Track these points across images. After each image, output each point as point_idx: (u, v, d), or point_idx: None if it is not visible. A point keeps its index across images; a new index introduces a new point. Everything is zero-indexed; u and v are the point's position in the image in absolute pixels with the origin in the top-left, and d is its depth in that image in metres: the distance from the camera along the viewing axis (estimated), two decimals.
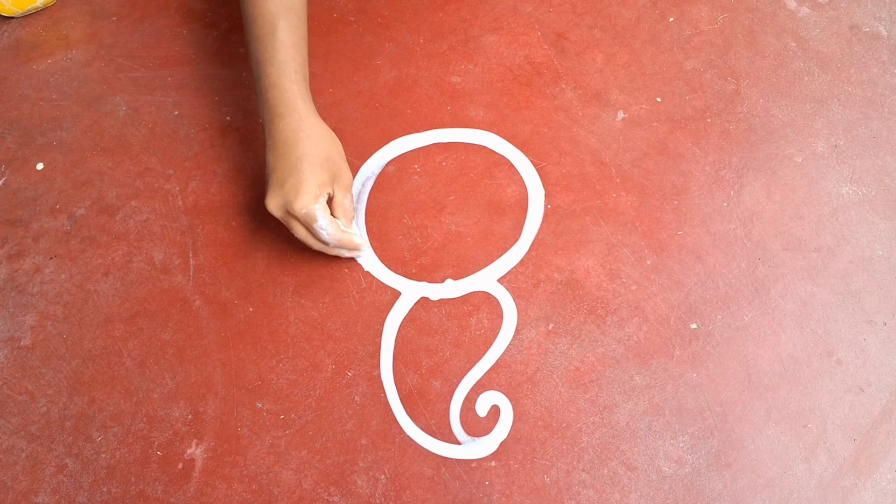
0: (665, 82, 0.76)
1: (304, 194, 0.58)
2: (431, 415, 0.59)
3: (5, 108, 0.77)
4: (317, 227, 0.60)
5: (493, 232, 0.67)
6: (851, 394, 0.59)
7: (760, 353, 0.61)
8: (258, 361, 0.62)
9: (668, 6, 0.82)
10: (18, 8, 0.82)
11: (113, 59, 0.80)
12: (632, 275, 0.65)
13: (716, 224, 0.67)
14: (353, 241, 0.62)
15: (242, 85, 0.77)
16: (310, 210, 0.59)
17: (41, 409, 0.60)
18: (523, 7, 0.82)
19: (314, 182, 0.59)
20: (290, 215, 0.60)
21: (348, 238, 0.62)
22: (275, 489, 0.57)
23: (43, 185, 0.72)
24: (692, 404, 0.59)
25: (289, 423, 0.59)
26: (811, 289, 0.64)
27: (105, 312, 0.64)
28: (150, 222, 0.69)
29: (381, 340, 0.62)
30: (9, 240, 0.69)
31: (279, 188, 0.60)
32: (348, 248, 0.63)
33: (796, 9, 0.81)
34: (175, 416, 0.60)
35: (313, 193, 0.59)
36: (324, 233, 0.60)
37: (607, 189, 0.69)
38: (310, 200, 0.58)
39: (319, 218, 0.59)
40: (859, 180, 0.69)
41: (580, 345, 0.62)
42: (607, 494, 0.56)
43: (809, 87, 0.75)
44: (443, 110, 0.75)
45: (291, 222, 0.61)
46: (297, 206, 0.58)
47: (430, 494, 0.56)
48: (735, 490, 0.56)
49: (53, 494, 0.57)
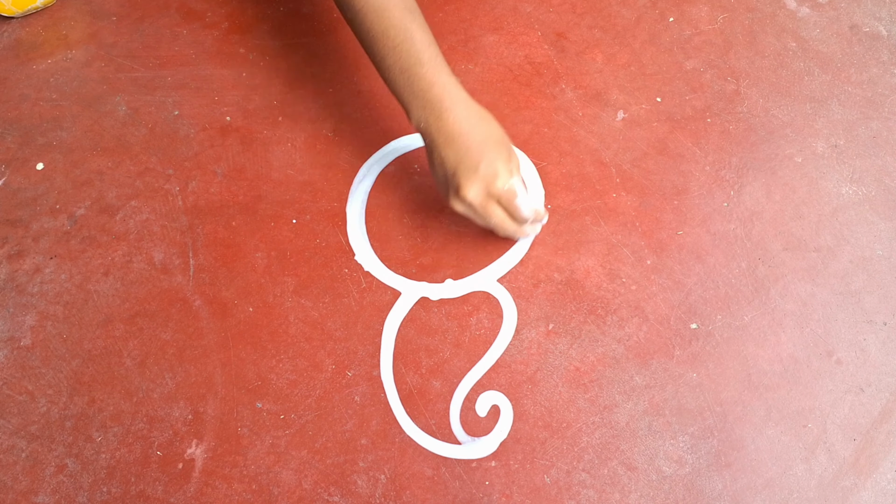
0: (665, 82, 0.76)
1: (503, 172, 0.58)
2: (431, 415, 0.59)
3: (5, 108, 0.77)
4: (518, 203, 0.59)
5: (493, 232, 0.67)
6: (851, 394, 0.59)
7: (760, 353, 0.61)
8: (258, 361, 0.62)
9: (668, 6, 0.82)
10: (18, 8, 0.82)
11: (113, 59, 0.80)
12: (632, 275, 0.65)
13: (716, 224, 0.67)
14: (540, 212, 0.62)
15: (242, 85, 0.77)
16: (512, 185, 0.58)
17: (41, 409, 0.60)
18: (523, 7, 0.82)
19: (502, 158, 0.58)
20: (491, 197, 0.59)
21: (541, 209, 0.62)
22: (275, 489, 0.57)
23: (43, 185, 0.72)
24: (692, 404, 0.59)
25: (289, 423, 0.59)
26: (811, 289, 0.64)
27: (105, 312, 0.64)
28: (150, 222, 0.69)
29: (381, 340, 0.62)
30: (9, 240, 0.69)
31: (473, 174, 0.58)
32: (538, 221, 0.63)
33: (796, 9, 0.81)
34: (175, 416, 0.60)
35: (508, 169, 0.58)
36: (524, 206, 0.59)
37: (607, 189, 0.69)
38: (506, 177, 0.58)
39: (520, 193, 0.59)
40: (859, 180, 0.69)
41: (580, 345, 0.62)
42: (607, 494, 0.56)
43: (809, 87, 0.75)
44: None
45: (490, 207, 0.59)
46: (498, 184, 0.58)
47: (430, 494, 0.56)
48: (735, 490, 0.56)
49: (53, 494, 0.57)
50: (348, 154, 0.72)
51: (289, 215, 0.69)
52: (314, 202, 0.70)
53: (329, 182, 0.71)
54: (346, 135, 0.73)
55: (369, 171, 0.71)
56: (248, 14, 0.83)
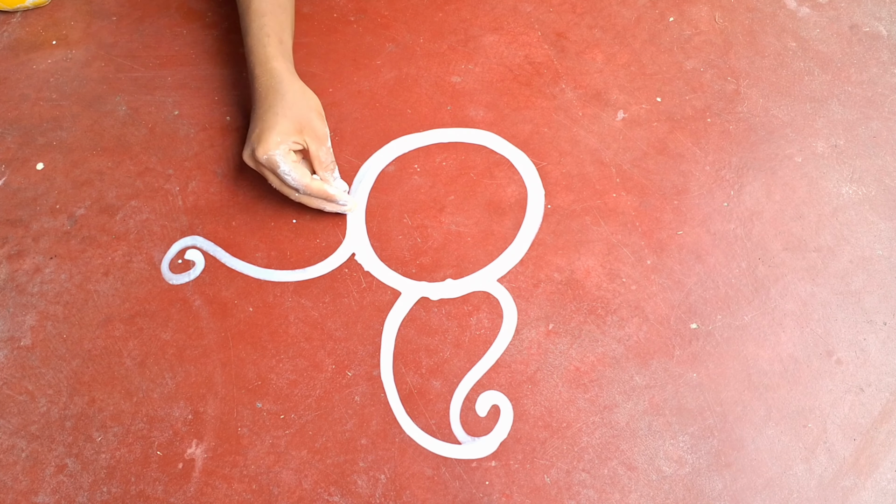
0: (665, 82, 0.76)
1: (265, 141, 0.62)
2: (431, 415, 0.59)
3: (5, 108, 0.77)
4: (281, 173, 0.63)
5: (493, 232, 0.67)
6: (851, 394, 0.59)
7: (760, 353, 0.61)
8: (258, 361, 0.62)
9: (668, 6, 0.82)
10: (7, 5, 0.82)
11: (113, 59, 0.80)
12: (632, 275, 0.65)
13: (716, 224, 0.67)
14: (325, 190, 0.64)
15: (242, 85, 0.77)
16: (271, 156, 0.62)
17: (41, 409, 0.60)
18: (523, 7, 0.82)
19: (276, 130, 0.62)
20: (259, 164, 0.64)
21: (318, 186, 0.64)
22: (275, 489, 0.57)
23: (43, 185, 0.72)
24: (692, 404, 0.59)
25: (289, 423, 0.59)
26: (811, 289, 0.64)
27: (105, 312, 0.64)
28: (150, 222, 0.69)
29: (381, 340, 0.62)
30: (9, 240, 0.69)
31: (248, 139, 0.64)
32: (321, 197, 0.65)
33: (796, 9, 0.81)
34: (175, 416, 0.60)
35: (275, 140, 0.62)
36: (289, 178, 0.63)
37: (607, 189, 0.69)
38: (271, 147, 0.62)
39: (281, 163, 0.62)
40: (859, 180, 0.69)
41: (580, 345, 0.62)
42: (607, 494, 0.56)
43: (809, 86, 0.75)
44: (443, 110, 0.75)
45: (263, 171, 0.64)
46: (258, 152, 0.62)
47: (430, 494, 0.56)
48: (735, 490, 0.56)
49: (53, 494, 0.57)
50: (348, 154, 0.72)
51: (289, 215, 0.69)
52: None
53: None
54: (346, 135, 0.73)
55: (369, 171, 0.71)
56: None
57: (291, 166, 0.63)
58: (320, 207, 0.66)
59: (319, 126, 0.66)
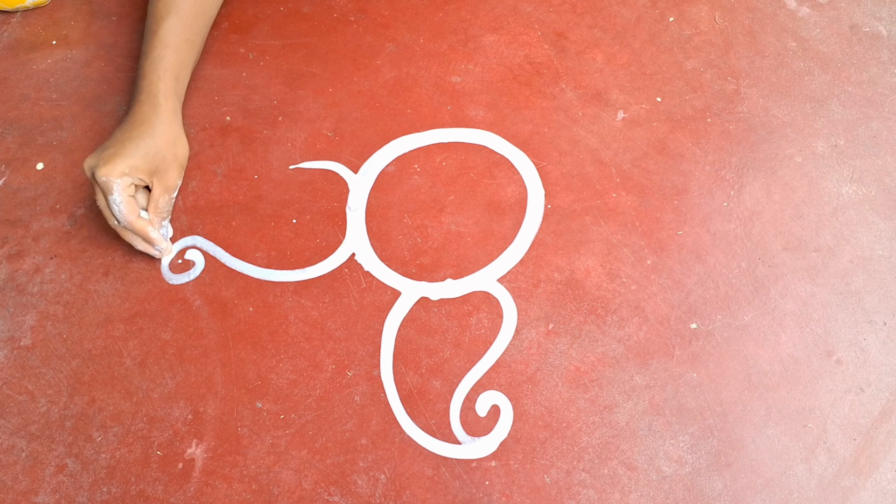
0: (665, 82, 0.76)
1: (112, 165, 0.61)
2: (431, 415, 0.59)
3: (5, 108, 0.77)
4: (110, 201, 0.61)
5: (493, 232, 0.67)
6: (851, 394, 0.59)
7: (760, 353, 0.61)
8: (258, 361, 0.62)
9: (668, 6, 0.82)
10: (7, 5, 0.82)
11: (113, 59, 0.80)
12: (632, 275, 0.65)
13: (716, 224, 0.67)
14: (147, 231, 0.63)
15: (242, 85, 0.77)
16: (109, 181, 0.60)
17: (41, 409, 0.60)
18: (523, 7, 0.82)
19: (128, 162, 0.61)
20: (94, 180, 0.62)
21: (142, 226, 0.63)
22: (275, 489, 0.57)
23: (43, 185, 0.72)
24: (692, 404, 0.59)
25: (289, 423, 0.59)
26: (811, 289, 0.64)
27: (105, 312, 0.64)
28: None
29: (381, 340, 0.62)
30: (9, 240, 0.69)
31: (99, 151, 0.62)
32: (140, 236, 0.64)
33: (796, 9, 0.81)
34: (175, 416, 0.60)
35: (121, 170, 0.61)
36: (115, 208, 0.61)
37: (607, 189, 0.69)
38: (113, 173, 0.60)
39: (115, 193, 0.61)
40: (859, 180, 0.69)
41: (580, 345, 0.62)
42: (607, 494, 0.56)
43: (809, 86, 0.75)
44: (443, 110, 0.75)
45: (95, 187, 0.63)
46: (99, 172, 0.61)
47: (430, 494, 0.56)
48: (735, 490, 0.56)
49: (53, 494, 0.57)
50: (348, 154, 0.72)
51: (289, 215, 0.69)
52: (314, 202, 0.70)
53: (329, 182, 0.71)
54: (346, 135, 0.73)
55: (369, 171, 0.71)
56: (248, 14, 0.83)
57: (124, 199, 0.61)
58: (131, 242, 0.64)
59: (173, 177, 0.66)
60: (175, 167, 0.66)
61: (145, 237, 0.64)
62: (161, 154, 0.64)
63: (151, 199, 0.65)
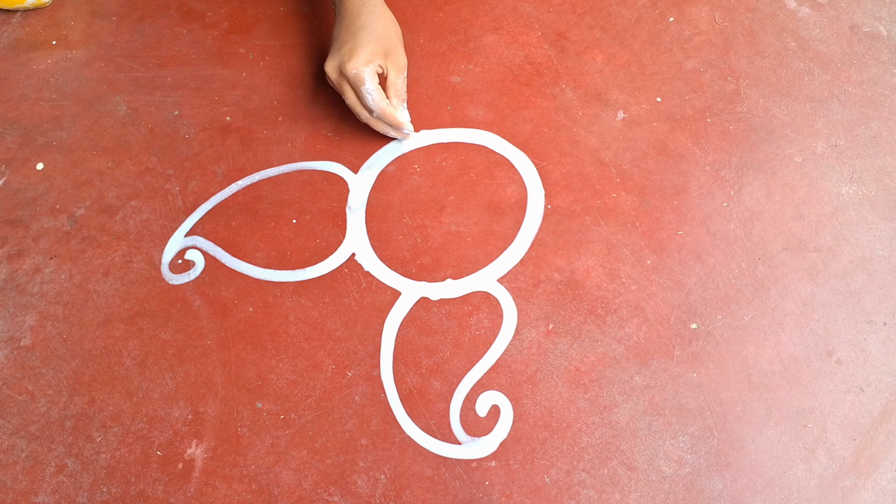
0: (665, 82, 0.76)
1: (357, 57, 0.65)
2: (431, 415, 0.59)
3: (5, 108, 0.77)
4: (364, 91, 0.65)
5: (493, 232, 0.67)
6: (851, 394, 0.59)
7: (760, 353, 0.61)
8: (258, 361, 0.62)
9: (668, 6, 0.82)
10: (7, 5, 0.82)
11: (113, 59, 0.80)
12: (632, 275, 0.65)
13: (716, 224, 0.67)
14: (397, 118, 0.68)
15: (242, 85, 0.77)
16: (359, 71, 0.65)
17: (41, 409, 0.60)
18: (523, 7, 0.82)
19: (368, 49, 0.65)
20: (343, 77, 0.66)
21: (392, 112, 0.67)
22: (275, 489, 0.57)
23: (43, 185, 0.72)
24: (692, 404, 0.59)
25: (289, 423, 0.59)
26: (811, 289, 0.64)
27: (105, 312, 0.64)
28: (150, 222, 0.69)
29: (381, 340, 0.62)
30: (9, 240, 0.69)
31: (337, 52, 0.67)
32: (391, 125, 0.69)
33: (796, 9, 0.81)
34: (175, 416, 0.60)
35: (365, 58, 0.65)
36: (369, 97, 0.66)
37: (607, 189, 0.69)
38: (361, 63, 0.65)
39: (367, 81, 0.65)
40: (859, 180, 0.69)
41: (580, 345, 0.62)
42: (607, 494, 0.56)
43: (809, 87, 0.75)
44: (443, 110, 0.75)
45: (343, 85, 0.67)
46: (349, 66, 0.65)
47: (430, 494, 0.56)
48: (735, 490, 0.56)
49: (53, 494, 0.57)
50: (348, 154, 0.72)
51: (289, 215, 0.69)
52: (314, 202, 0.70)
53: (329, 182, 0.71)
54: (346, 135, 0.73)
55: (369, 171, 0.71)
56: (248, 14, 0.83)
57: (375, 87, 0.65)
58: (383, 132, 0.70)
59: (401, 55, 0.69)
60: (400, 46, 0.69)
61: (396, 123, 0.68)
62: (388, 35, 0.68)
63: (389, 84, 0.68)
